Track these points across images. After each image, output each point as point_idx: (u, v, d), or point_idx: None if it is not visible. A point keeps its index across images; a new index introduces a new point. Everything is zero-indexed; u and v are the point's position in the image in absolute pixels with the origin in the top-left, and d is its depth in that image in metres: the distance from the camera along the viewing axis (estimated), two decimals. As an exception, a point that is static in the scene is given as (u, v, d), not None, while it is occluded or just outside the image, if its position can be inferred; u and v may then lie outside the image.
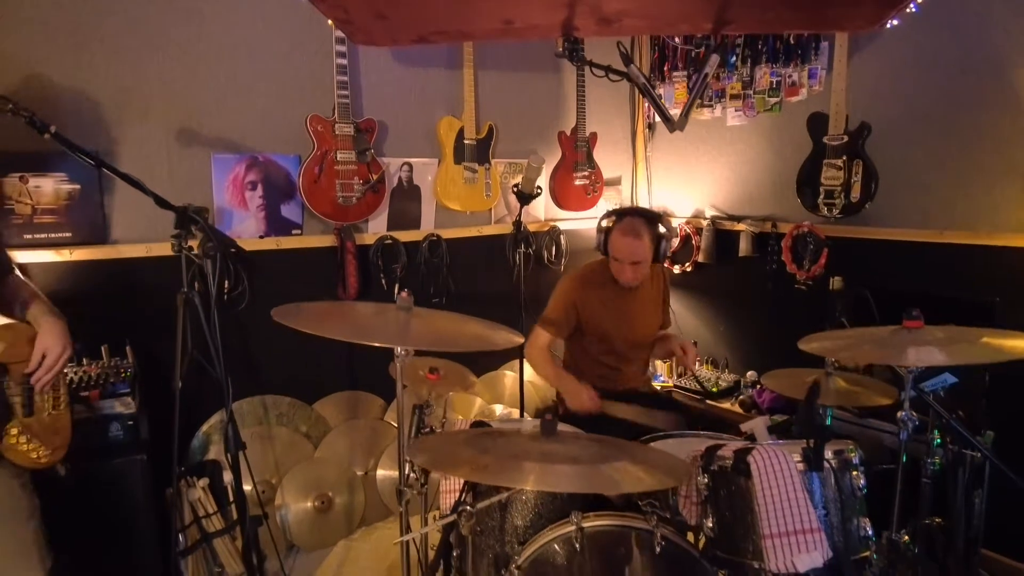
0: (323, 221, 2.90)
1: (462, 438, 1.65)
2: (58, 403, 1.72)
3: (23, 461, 1.64)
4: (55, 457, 1.70)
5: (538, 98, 3.53)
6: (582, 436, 1.74)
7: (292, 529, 2.79)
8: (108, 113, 2.48)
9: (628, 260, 2.39)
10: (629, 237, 2.38)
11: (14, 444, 1.60)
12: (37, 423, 1.66)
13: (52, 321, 1.65)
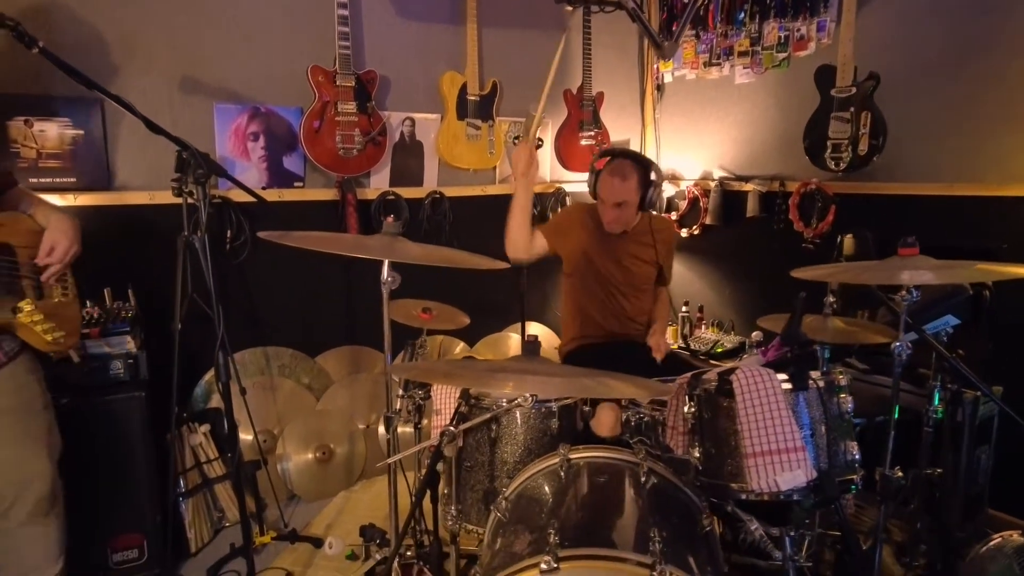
0: (325, 174, 2.91)
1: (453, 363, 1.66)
2: (67, 293, 1.76)
3: (37, 342, 1.69)
4: (68, 342, 1.76)
5: (543, 56, 3.46)
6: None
7: (293, 479, 2.82)
8: (113, 60, 2.50)
9: (611, 201, 2.36)
10: (615, 178, 2.36)
11: (28, 323, 1.64)
12: (48, 307, 1.70)
13: (60, 217, 1.69)
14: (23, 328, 1.67)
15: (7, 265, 1.63)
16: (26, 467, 1.75)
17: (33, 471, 1.76)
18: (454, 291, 2.48)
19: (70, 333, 1.79)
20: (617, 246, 2.50)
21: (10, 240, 1.64)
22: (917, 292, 1.58)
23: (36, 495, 1.76)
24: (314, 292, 2.99)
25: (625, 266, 2.50)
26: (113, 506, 2.23)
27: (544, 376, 1.40)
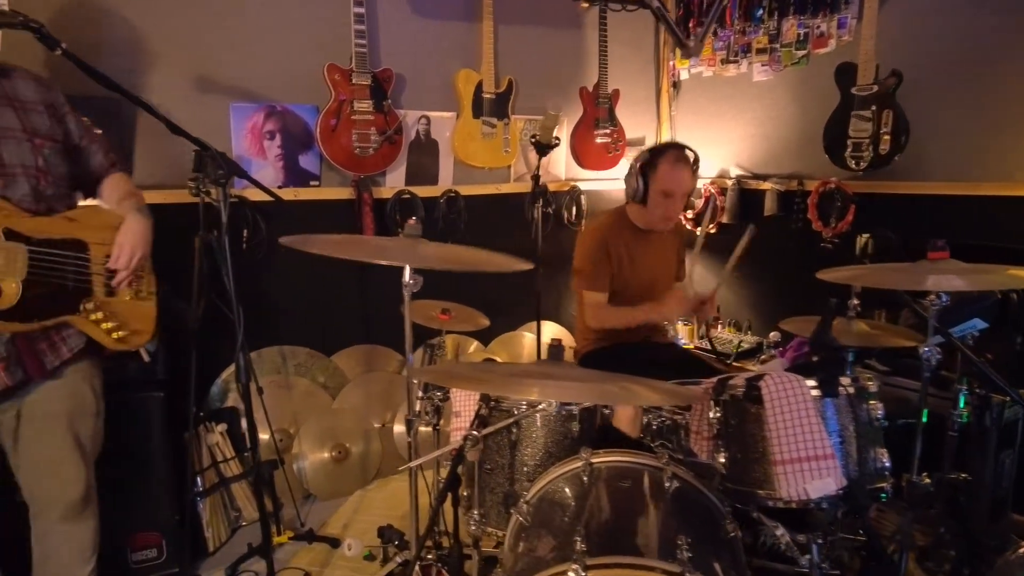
0: (341, 173, 2.90)
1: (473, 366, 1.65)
2: (140, 293, 1.77)
3: (102, 339, 1.69)
4: (135, 341, 1.76)
5: (559, 53, 3.47)
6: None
7: (309, 478, 2.82)
8: (129, 60, 2.50)
9: (680, 191, 2.31)
10: (683, 166, 2.32)
11: (88, 320, 1.65)
12: (117, 305, 1.70)
13: (136, 219, 1.70)
14: (87, 325, 1.67)
15: (77, 262, 1.62)
16: (64, 470, 1.76)
17: (70, 474, 1.76)
18: (468, 289, 2.46)
19: (140, 332, 1.78)
20: (647, 248, 2.48)
21: (83, 236, 1.63)
22: (947, 297, 1.55)
23: (72, 497, 1.77)
24: (329, 291, 2.98)
25: (652, 267, 2.49)
26: (132, 505, 2.24)
27: (570, 381, 1.38)
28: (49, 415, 1.69)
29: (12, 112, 1.57)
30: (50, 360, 1.65)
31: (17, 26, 1.44)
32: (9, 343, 1.56)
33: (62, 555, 1.83)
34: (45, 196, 1.60)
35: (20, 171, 1.56)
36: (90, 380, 1.77)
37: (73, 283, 1.62)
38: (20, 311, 1.52)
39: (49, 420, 1.69)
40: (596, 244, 2.44)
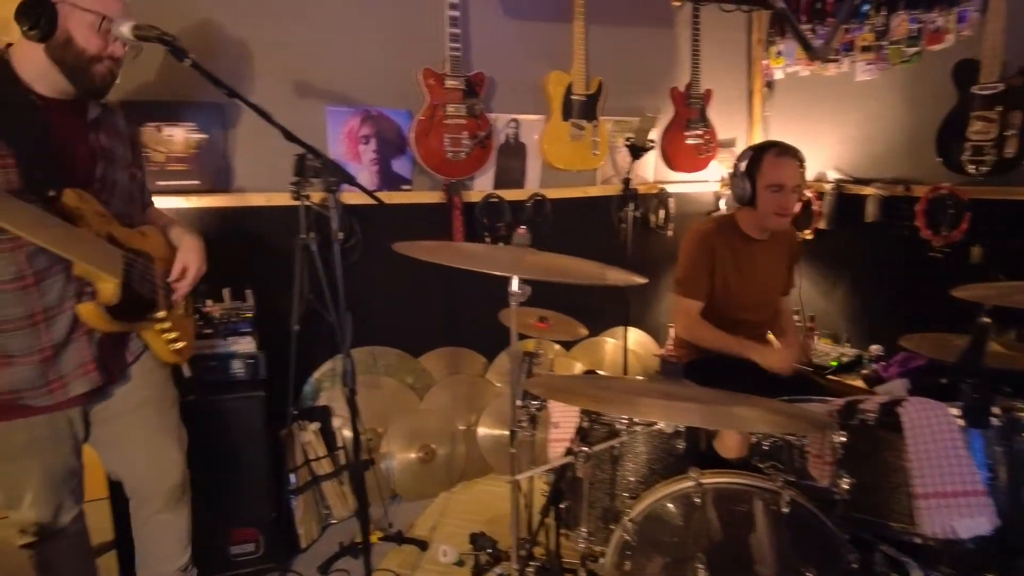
0: (432, 177, 2.91)
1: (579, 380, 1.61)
2: (188, 309, 1.86)
3: (161, 351, 1.77)
4: (187, 353, 1.84)
5: (650, 53, 3.39)
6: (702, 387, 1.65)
7: (396, 477, 2.85)
8: (231, 65, 2.57)
9: (792, 184, 2.23)
10: (788, 157, 2.24)
11: (159, 331, 1.73)
12: (176, 317, 1.78)
13: (194, 238, 1.80)
14: (153, 335, 1.74)
15: (149, 272, 1.69)
16: (162, 457, 1.84)
17: (168, 461, 1.85)
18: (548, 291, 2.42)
19: (190, 346, 1.86)
20: (756, 258, 2.38)
21: (151, 251, 1.71)
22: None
23: (170, 484, 1.85)
24: (418, 293, 3.00)
25: (760, 277, 2.38)
26: (232, 501, 2.30)
27: (691, 403, 1.33)
28: (139, 405, 1.76)
29: (118, 139, 1.69)
30: (119, 365, 1.72)
31: (153, 39, 1.49)
32: (98, 344, 1.62)
33: (162, 544, 1.91)
34: (131, 215, 1.71)
35: (120, 192, 1.67)
36: (163, 370, 1.85)
37: (148, 292, 1.70)
38: (119, 311, 1.59)
39: (141, 410, 1.77)
40: (700, 250, 2.36)
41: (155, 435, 1.82)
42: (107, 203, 1.60)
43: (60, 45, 1.47)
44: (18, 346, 1.51)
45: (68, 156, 1.55)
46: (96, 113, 1.63)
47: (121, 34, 1.50)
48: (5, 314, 1.48)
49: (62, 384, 1.56)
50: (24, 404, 1.54)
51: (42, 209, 1.45)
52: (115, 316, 1.58)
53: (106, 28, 1.49)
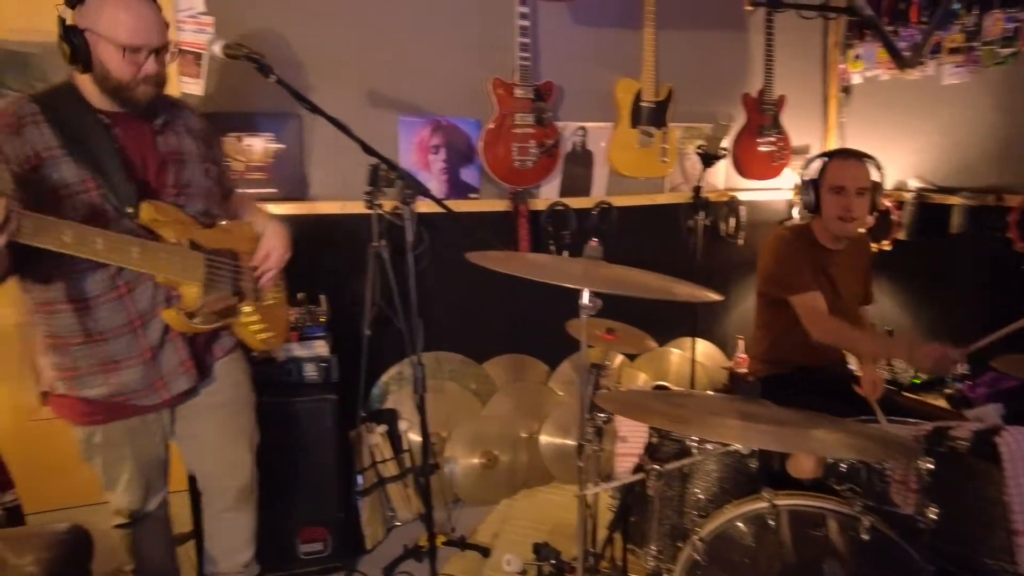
0: (498, 185, 2.93)
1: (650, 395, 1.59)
2: (278, 296, 1.92)
3: (250, 341, 1.84)
4: (276, 342, 1.91)
5: (721, 58, 3.32)
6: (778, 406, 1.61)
7: (459, 482, 2.87)
8: (306, 77, 2.65)
9: (855, 186, 2.15)
10: (852, 159, 2.18)
11: (246, 323, 1.79)
12: (262, 309, 1.84)
13: (277, 224, 1.86)
14: (241, 327, 1.81)
15: (231, 269, 1.76)
16: (232, 458, 1.91)
17: (237, 462, 1.91)
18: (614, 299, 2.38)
19: (279, 334, 1.93)
20: (831, 267, 2.30)
21: (235, 246, 1.77)
22: None
23: (237, 485, 1.92)
24: (482, 300, 3.02)
25: (837, 288, 2.30)
26: (303, 500, 2.37)
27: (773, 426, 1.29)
28: (216, 405, 1.82)
29: (191, 139, 1.73)
30: (209, 360, 1.79)
31: (241, 57, 1.55)
32: (191, 342, 1.70)
33: (227, 540, 1.98)
34: (211, 214, 1.76)
35: (197, 191, 1.71)
36: (244, 372, 1.91)
37: (233, 288, 1.76)
38: (201, 314, 1.66)
39: (217, 410, 1.83)
40: (790, 247, 2.28)
41: (228, 436, 1.88)
42: (185, 206, 1.67)
43: (99, 73, 1.52)
44: (123, 351, 1.61)
45: (140, 169, 1.61)
46: (163, 118, 1.66)
47: (214, 53, 1.57)
48: (109, 323, 1.58)
49: (164, 383, 1.66)
50: (133, 404, 1.65)
51: (125, 226, 1.53)
52: (203, 317, 1.65)
53: (131, 57, 1.49)
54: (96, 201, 1.52)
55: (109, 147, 1.53)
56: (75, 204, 1.50)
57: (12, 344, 2.72)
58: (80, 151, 1.50)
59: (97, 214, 1.52)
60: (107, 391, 1.62)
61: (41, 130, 1.50)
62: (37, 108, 1.51)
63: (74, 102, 1.54)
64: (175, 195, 1.65)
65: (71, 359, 1.60)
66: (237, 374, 1.88)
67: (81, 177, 1.51)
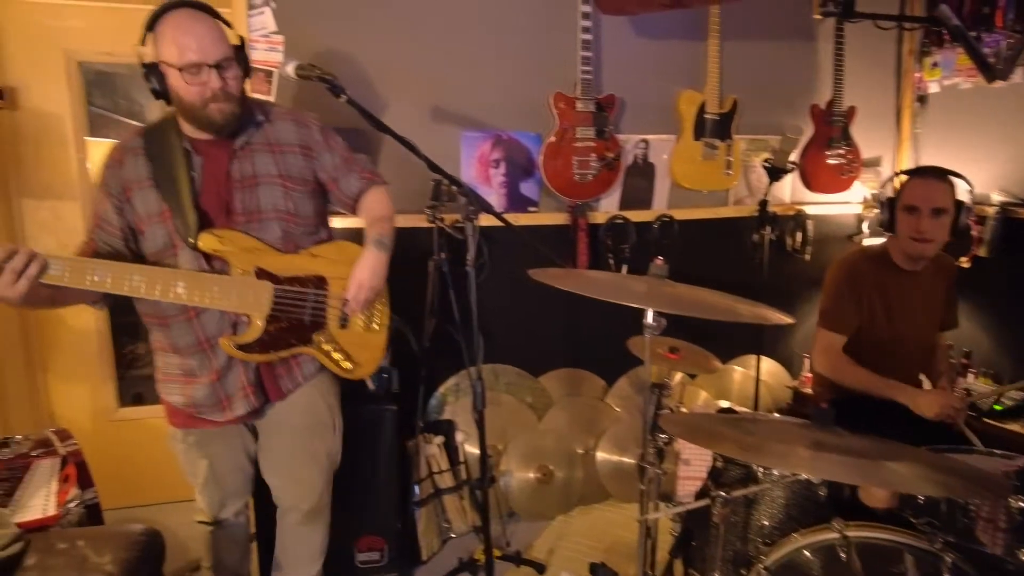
0: (557, 199, 2.93)
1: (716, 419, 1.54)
2: (370, 324, 1.86)
3: (332, 367, 1.82)
4: (361, 371, 1.86)
5: (787, 69, 3.24)
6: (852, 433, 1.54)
7: (514, 496, 2.86)
8: (372, 94, 2.71)
9: (929, 206, 2.06)
10: (929, 177, 2.10)
11: (325, 352, 1.78)
12: (348, 336, 1.81)
13: (371, 253, 1.77)
14: (320, 355, 1.80)
15: (316, 297, 1.75)
16: (302, 481, 1.93)
17: (307, 484, 1.94)
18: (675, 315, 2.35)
19: (365, 363, 1.87)
20: (907, 291, 2.21)
21: (324, 272, 1.76)
22: None
23: (308, 506, 1.95)
24: (540, 313, 3.01)
25: (911, 312, 2.20)
26: (361, 509, 2.40)
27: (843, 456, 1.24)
28: (289, 429, 1.85)
29: (271, 157, 1.70)
30: (286, 384, 1.79)
31: (314, 78, 1.59)
32: (254, 370, 1.73)
33: (297, 552, 2.01)
34: (293, 236, 1.72)
35: (273, 215, 1.69)
36: (325, 397, 1.90)
37: (310, 317, 1.74)
38: (260, 344, 1.68)
39: (290, 433, 1.85)
40: (845, 281, 2.21)
41: (299, 459, 1.91)
42: (257, 233, 1.66)
43: (176, 101, 1.58)
44: (197, 368, 1.68)
45: (213, 197, 1.64)
46: (244, 138, 1.67)
47: (287, 74, 1.62)
48: (183, 341, 1.66)
49: (229, 403, 1.71)
50: (202, 417, 1.72)
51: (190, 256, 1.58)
52: (266, 346, 1.68)
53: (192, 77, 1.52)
54: (171, 231, 1.58)
55: (186, 176, 1.58)
56: (155, 233, 1.58)
57: (92, 348, 2.88)
58: (163, 181, 1.57)
59: (171, 243, 1.59)
60: (182, 401, 1.69)
61: (137, 163, 1.59)
62: (140, 142, 1.61)
63: (171, 133, 1.61)
64: (245, 222, 1.66)
65: (163, 363, 1.72)
66: (315, 400, 1.87)
67: (160, 208, 1.58)
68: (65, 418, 2.85)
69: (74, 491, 2.02)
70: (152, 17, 1.52)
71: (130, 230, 1.62)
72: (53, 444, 2.28)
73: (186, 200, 1.57)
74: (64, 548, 1.62)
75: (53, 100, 2.69)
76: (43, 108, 2.69)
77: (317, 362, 1.81)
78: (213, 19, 1.57)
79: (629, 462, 2.95)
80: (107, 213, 1.61)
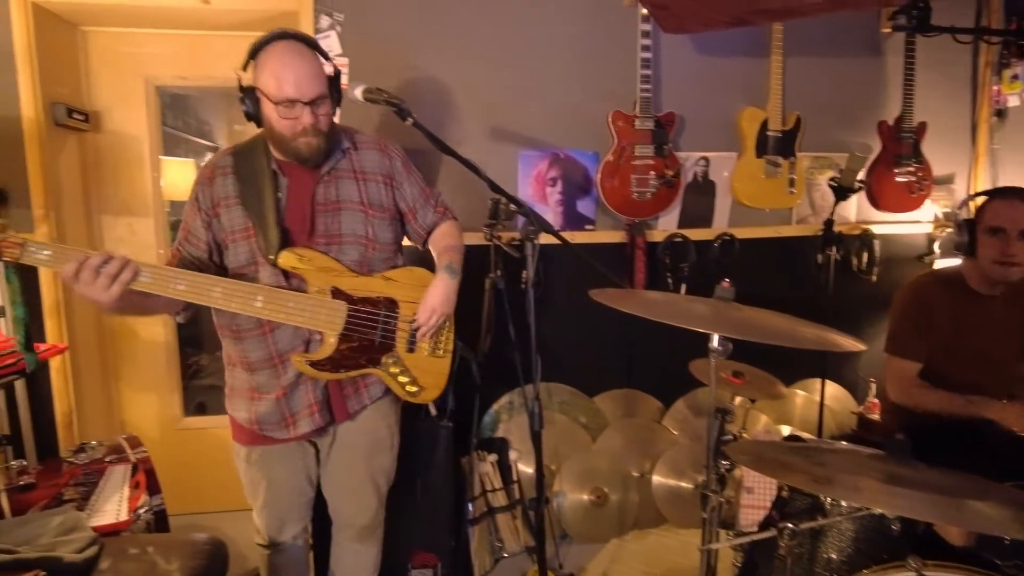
0: (614, 217, 2.91)
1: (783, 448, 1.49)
2: (437, 350, 1.88)
3: (397, 390, 1.85)
4: (425, 396, 1.88)
5: (853, 84, 3.14)
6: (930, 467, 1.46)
7: (567, 517, 2.83)
8: (433, 114, 2.76)
9: (1017, 228, 1.98)
10: (1015, 198, 2.00)
11: (392, 374, 1.81)
12: (415, 360, 1.83)
13: (442, 280, 1.80)
14: (386, 377, 1.83)
15: (387, 319, 1.78)
16: (358, 500, 1.96)
17: (363, 503, 1.96)
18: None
19: (430, 388, 1.88)
20: (983, 314, 2.11)
21: (396, 295, 1.79)
22: None
23: (361, 522, 1.97)
24: (595, 331, 2.99)
25: (988, 339, 2.09)
26: (416, 525, 2.40)
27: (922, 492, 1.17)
28: (350, 448, 1.87)
29: (355, 184, 1.75)
30: (352, 405, 1.82)
31: (381, 102, 1.63)
32: (323, 389, 1.76)
33: (351, 568, 2.04)
34: (370, 260, 1.77)
35: (352, 239, 1.73)
36: (387, 419, 1.92)
37: (381, 338, 1.76)
38: (331, 362, 1.70)
39: (350, 452, 1.88)
40: (915, 306, 2.13)
41: (357, 479, 1.93)
42: (337, 254, 1.71)
43: (267, 128, 1.64)
44: (265, 384, 1.72)
45: (296, 217, 1.69)
46: (330, 166, 1.72)
47: (355, 97, 1.66)
48: (255, 355, 1.70)
49: (293, 421, 1.74)
50: (266, 435, 1.75)
51: (270, 272, 1.63)
52: (337, 365, 1.71)
53: (286, 111, 1.57)
54: (254, 248, 1.64)
55: (272, 195, 1.64)
56: (238, 249, 1.64)
57: (161, 359, 3.00)
58: (250, 199, 1.63)
59: (253, 259, 1.64)
60: (247, 417, 1.73)
61: (226, 180, 1.66)
62: (230, 161, 1.68)
63: (259, 154, 1.67)
64: (325, 244, 1.70)
65: (232, 378, 1.77)
66: (378, 421, 1.90)
67: (245, 224, 1.64)
68: (134, 425, 2.97)
69: (144, 497, 2.10)
70: (257, 45, 1.58)
71: (215, 244, 1.69)
72: (125, 451, 2.38)
73: (270, 219, 1.62)
74: (135, 553, 1.68)
75: (132, 122, 2.83)
76: (123, 130, 2.83)
77: (383, 384, 1.83)
78: (313, 54, 1.62)
79: (686, 486, 2.88)
80: (196, 227, 1.67)
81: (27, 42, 2.46)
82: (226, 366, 1.80)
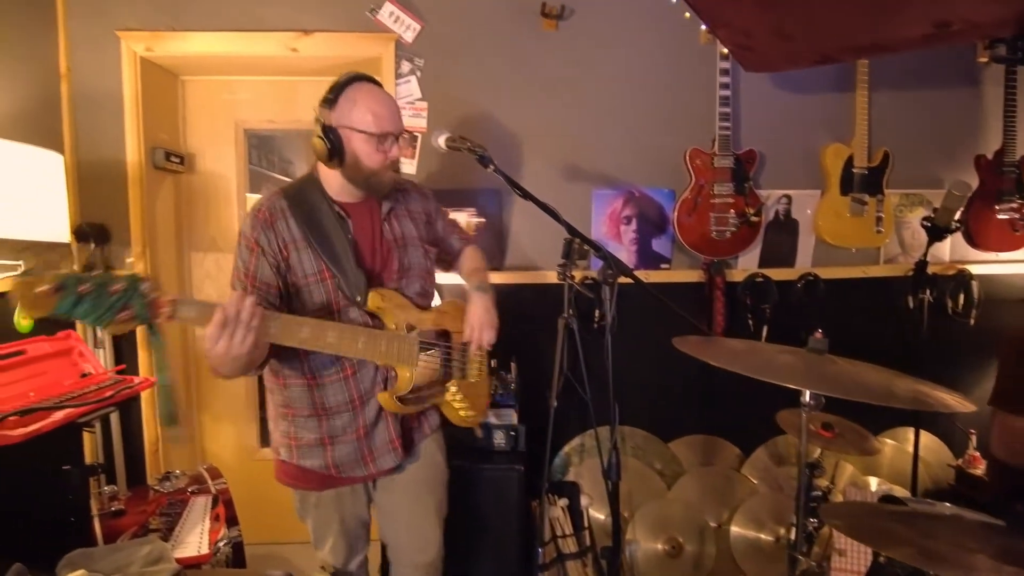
0: (690, 255, 2.84)
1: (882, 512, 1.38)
2: (481, 371, 1.95)
3: (452, 416, 1.89)
4: (475, 420, 1.93)
5: (945, 118, 2.99)
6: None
7: (640, 567, 2.72)
8: (507, 153, 2.78)
9: None
10: None
11: (450, 400, 1.85)
12: (468, 386, 1.89)
13: (479, 296, 1.88)
14: (446, 405, 1.86)
15: (444, 349, 1.82)
16: (423, 535, 1.94)
17: (428, 538, 1.94)
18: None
19: (479, 410, 1.96)
20: None
21: (448, 326, 1.85)
22: None
23: (427, 559, 1.94)
24: (671, 373, 2.90)
25: None
26: (484, 568, 2.37)
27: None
28: (413, 482, 1.87)
29: (411, 223, 1.83)
30: (418, 437, 1.85)
31: (464, 150, 1.65)
32: (400, 423, 1.77)
33: None
34: (427, 292, 1.84)
35: (417, 273, 1.80)
36: (442, 449, 1.95)
37: (443, 368, 1.81)
38: (414, 395, 1.72)
39: (414, 487, 1.87)
40: (1016, 356, 1.97)
41: (421, 512, 1.92)
42: (406, 289, 1.76)
43: (351, 166, 1.64)
44: (341, 428, 1.72)
45: (369, 257, 1.72)
46: (389, 204, 1.77)
47: (438, 145, 1.68)
48: (334, 400, 1.70)
49: (373, 459, 1.75)
50: (343, 476, 1.75)
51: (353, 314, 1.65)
52: (416, 398, 1.73)
53: (381, 145, 1.61)
54: (330, 290, 1.64)
55: (343, 237, 1.65)
56: (311, 292, 1.64)
57: (241, 391, 3.09)
58: (320, 242, 1.63)
59: (330, 302, 1.65)
60: (322, 463, 1.73)
61: (288, 224, 1.64)
62: (286, 203, 1.66)
63: (316, 195, 1.68)
64: (398, 279, 1.75)
65: (296, 429, 1.74)
66: (436, 451, 1.93)
67: (318, 268, 1.64)
68: (213, 454, 3.06)
69: (223, 531, 2.15)
70: (340, 85, 1.63)
71: (285, 288, 1.67)
72: (206, 481, 2.45)
73: (347, 262, 1.64)
74: (214, 588, 1.71)
75: (223, 163, 2.99)
76: (214, 171, 2.99)
77: (439, 414, 1.88)
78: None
79: (767, 539, 2.73)
80: (264, 273, 1.62)
81: (134, 92, 2.64)
82: (279, 419, 1.76)
